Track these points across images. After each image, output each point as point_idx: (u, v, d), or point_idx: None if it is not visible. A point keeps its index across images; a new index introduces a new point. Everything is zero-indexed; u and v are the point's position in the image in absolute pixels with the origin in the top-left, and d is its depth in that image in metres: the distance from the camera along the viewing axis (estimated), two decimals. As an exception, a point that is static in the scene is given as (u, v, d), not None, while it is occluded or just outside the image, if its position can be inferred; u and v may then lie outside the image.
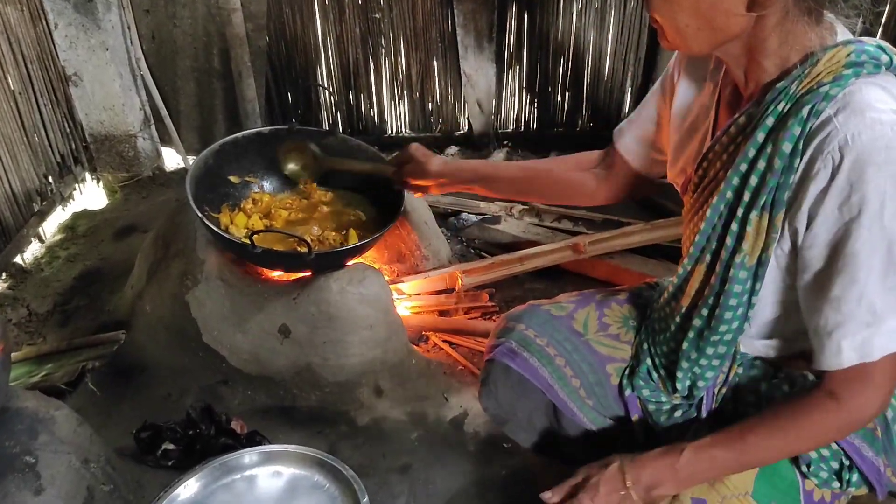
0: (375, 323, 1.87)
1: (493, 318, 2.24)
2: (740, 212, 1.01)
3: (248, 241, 1.65)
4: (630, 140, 1.33)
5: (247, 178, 2.03)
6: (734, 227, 1.02)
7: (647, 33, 3.03)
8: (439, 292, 2.27)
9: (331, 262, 1.84)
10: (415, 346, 2.08)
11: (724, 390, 1.18)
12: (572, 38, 3.06)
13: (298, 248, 1.69)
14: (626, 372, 1.27)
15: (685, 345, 1.13)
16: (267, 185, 2.06)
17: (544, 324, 1.30)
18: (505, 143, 3.31)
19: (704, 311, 1.09)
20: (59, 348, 2.05)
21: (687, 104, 1.19)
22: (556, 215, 2.59)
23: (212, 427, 1.69)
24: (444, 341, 2.14)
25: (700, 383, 1.16)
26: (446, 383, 1.96)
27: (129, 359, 1.99)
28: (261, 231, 1.66)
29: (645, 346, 1.26)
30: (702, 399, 1.19)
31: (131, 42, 2.85)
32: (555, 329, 1.29)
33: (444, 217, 2.69)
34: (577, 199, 1.46)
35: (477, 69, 3.07)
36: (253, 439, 1.68)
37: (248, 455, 1.49)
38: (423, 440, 1.78)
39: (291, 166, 1.82)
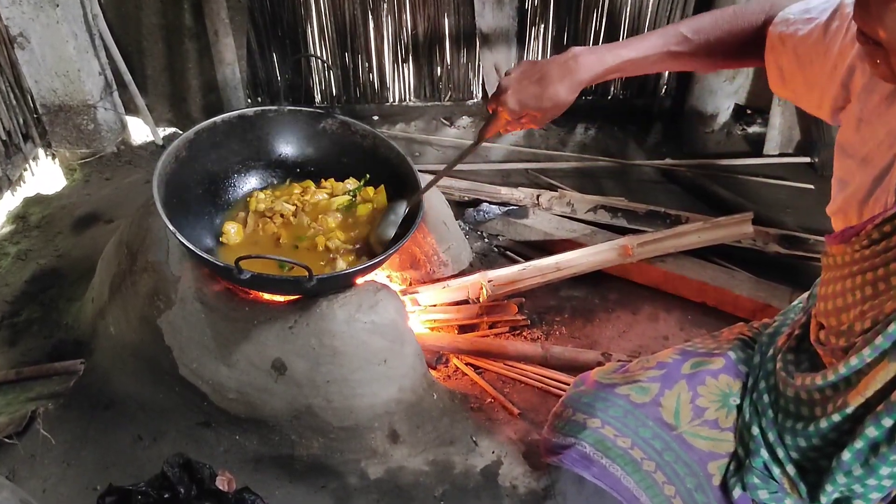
0: (390, 356, 1.58)
1: (524, 333, 1.93)
2: None
3: (233, 266, 1.35)
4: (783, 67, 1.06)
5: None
6: None
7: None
8: (459, 303, 1.95)
9: (335, 284, 1.56)
10: (432, 370, 1.79)
11: None
12: (607, -9, 2.76)
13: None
14: (732, 466, 1.05)
15: (846, 455, 0.90)
16: (255, 179, 1.78)
17: (625, 417, 1.07)
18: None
19: (887, 422, 0.86)
20: (7, 378, 1.75)
21: (860, 115, 0.90)
22: (591, 205, 2.24)
23: (192, 487, 1.42)
24: (468, 364, 1.83)
25: (857, 503, 0.93)
26: (474, 422, 1.69)
27: (90, 391, 1.71)
28: (249, 257, 1.33)
29: (755, 429, 1.02)
30: None
31: (86, -5, 2.53)
32: (639, 423, 1.07)
33: (459, 206, 2.35)
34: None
35: (495, 28, 2.76)
36: (243, 499, 1.42)
37: (238, 537, 1.24)
38: (449, 497, 1.52)
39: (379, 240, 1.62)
